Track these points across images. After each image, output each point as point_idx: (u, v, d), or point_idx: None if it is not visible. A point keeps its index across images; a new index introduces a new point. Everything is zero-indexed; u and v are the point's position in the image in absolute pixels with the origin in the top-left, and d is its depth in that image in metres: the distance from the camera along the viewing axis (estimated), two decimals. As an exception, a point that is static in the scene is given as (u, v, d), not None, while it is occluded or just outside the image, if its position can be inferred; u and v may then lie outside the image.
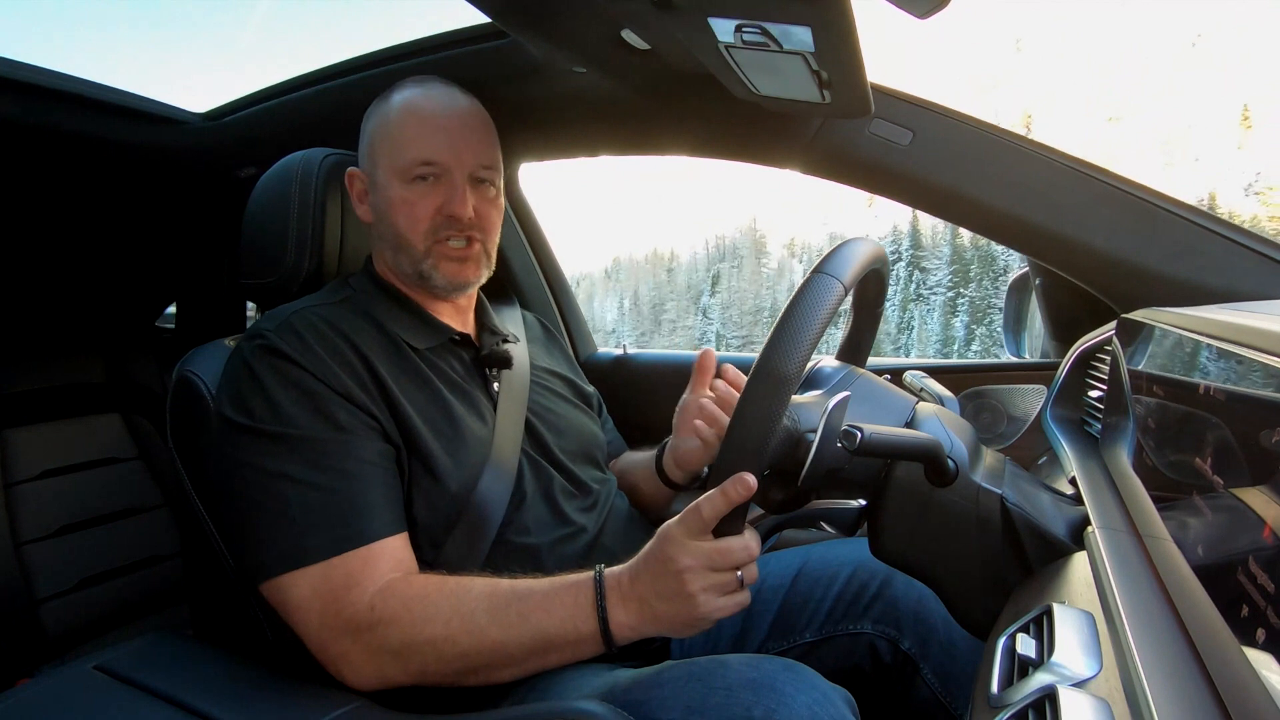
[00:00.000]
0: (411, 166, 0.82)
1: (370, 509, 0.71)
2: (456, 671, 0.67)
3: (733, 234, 17.78)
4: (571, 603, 0.66)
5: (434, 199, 0.83)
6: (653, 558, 0.64)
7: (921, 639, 0.83)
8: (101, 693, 0.67)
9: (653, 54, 0.86)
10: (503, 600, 0.67)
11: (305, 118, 1.22)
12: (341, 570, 0.68)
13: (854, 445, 0.53)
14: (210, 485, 0.81)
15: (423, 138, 0.83)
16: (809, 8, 0.58)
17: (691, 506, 0.62)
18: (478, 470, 0.78)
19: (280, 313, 0.79)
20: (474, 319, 0.94)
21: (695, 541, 0.62)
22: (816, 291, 0.57)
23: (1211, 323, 0.50)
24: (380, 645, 0.66)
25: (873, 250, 0.65)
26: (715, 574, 0.62)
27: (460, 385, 0.84)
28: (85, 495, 1.42)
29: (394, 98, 0.86)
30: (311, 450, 0.70)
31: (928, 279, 47.07)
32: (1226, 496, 0.39)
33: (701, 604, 0.62)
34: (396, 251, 0.85)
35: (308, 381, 0.73)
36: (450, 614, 0.66)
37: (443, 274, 0.84)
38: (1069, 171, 0.88)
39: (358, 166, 0.89)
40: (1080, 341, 0.90)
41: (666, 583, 0.63)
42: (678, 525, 0.63)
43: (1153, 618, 0.42)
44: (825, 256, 0.62)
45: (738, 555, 0.62)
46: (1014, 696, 0.42)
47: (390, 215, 0.84)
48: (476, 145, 0.85)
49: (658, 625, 0.64)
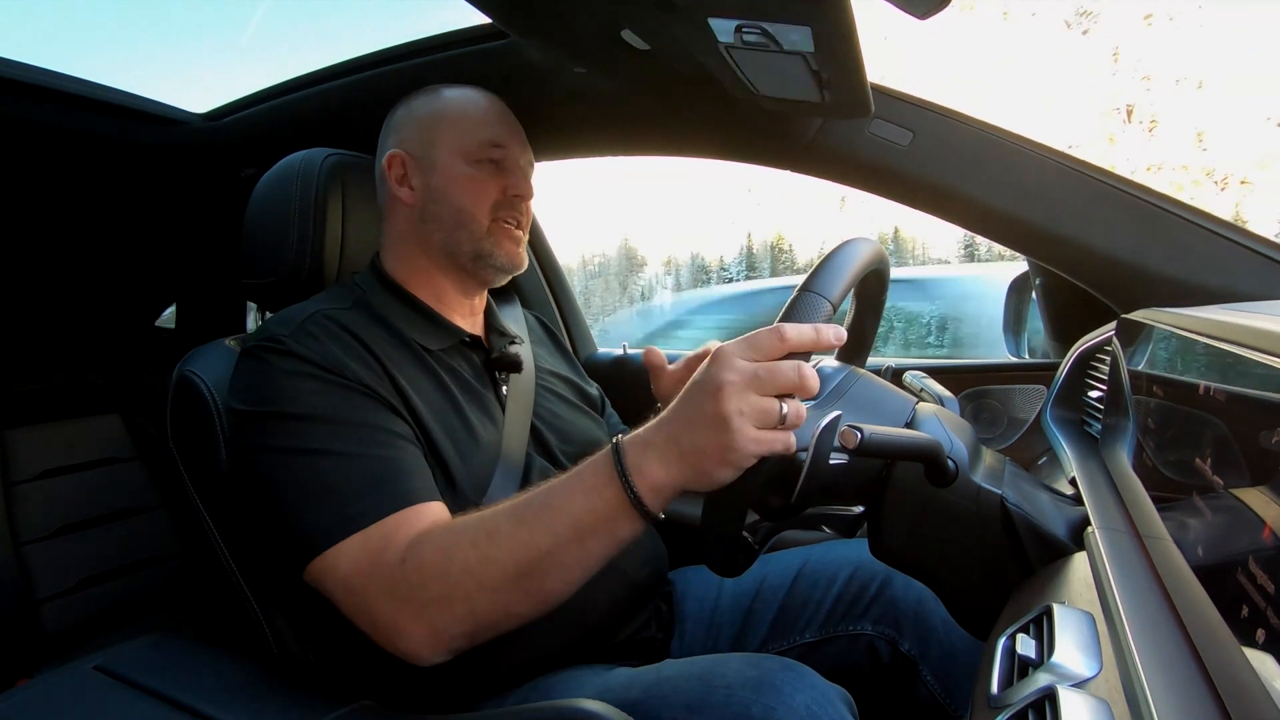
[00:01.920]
0: (482, 147, 0.85)
1: (409, 472, 0.69)
2: (505, 596, 0.62)
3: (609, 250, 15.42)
4: (591, 475, 0.60)
5: (499, 180, 0.86)
6: (694, 381, 0.57)
7: (921, 639, 0.83)
8: (101, 693, 0.67)
9: (653, 54, 0.86)
10: (524, 501, 0.63)
11: (306, 118, 1.22)
12: (376, 535, 0.65)
13: (854, 445, 0.53)
14: (233, 483, 0.79)
15: (491, 122, 0.87)
16: (809, 8, 0.59)
17: (771, 327, 0.55)
18: (489, 473, 0.78)
19: (292, 316, 0.77)
20: (483, 320, 0.93)
21: (744, 361, 0.55)
22: (805, 307, 0.58)
23: (1211, 323, 0.50)
24: (420, 598, 0.62)
25: (869, 254, 0.65)
26: (757, 397, 0.54)
27: (472, 387, 0.84)
28: (85, 495, 1.42)
29: (445, 92, 0.89)
30: (339, 425, 0.69)
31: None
32: (1226, 497, 0.39)
33: (736, 429, 0.53)
34: (455, 229, 0.85)
35: (327, 376, 0.72)
36: (475, 534, 0.63)
37: (504, 252, 0.86)
38: (1069, 171, 0.88)
39: (380, 154, 0.89)
40: (1080, 342, 0.90)
41: (701, 404, 0.55)
42: (739, 342, 0.56)
43: (1153, 618, 0.42)
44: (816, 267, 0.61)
45: (787, 376, 0.54)
46: (1014, 697, 0.42)
47: (453, 193, 0.85)
48: (525, 138, 0.90)
49: (685, 466, 0.56)
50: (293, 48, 46.17)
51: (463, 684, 0.74)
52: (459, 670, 0.70)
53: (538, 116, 1.11)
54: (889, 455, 0.59)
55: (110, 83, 1.23)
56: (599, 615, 0.80)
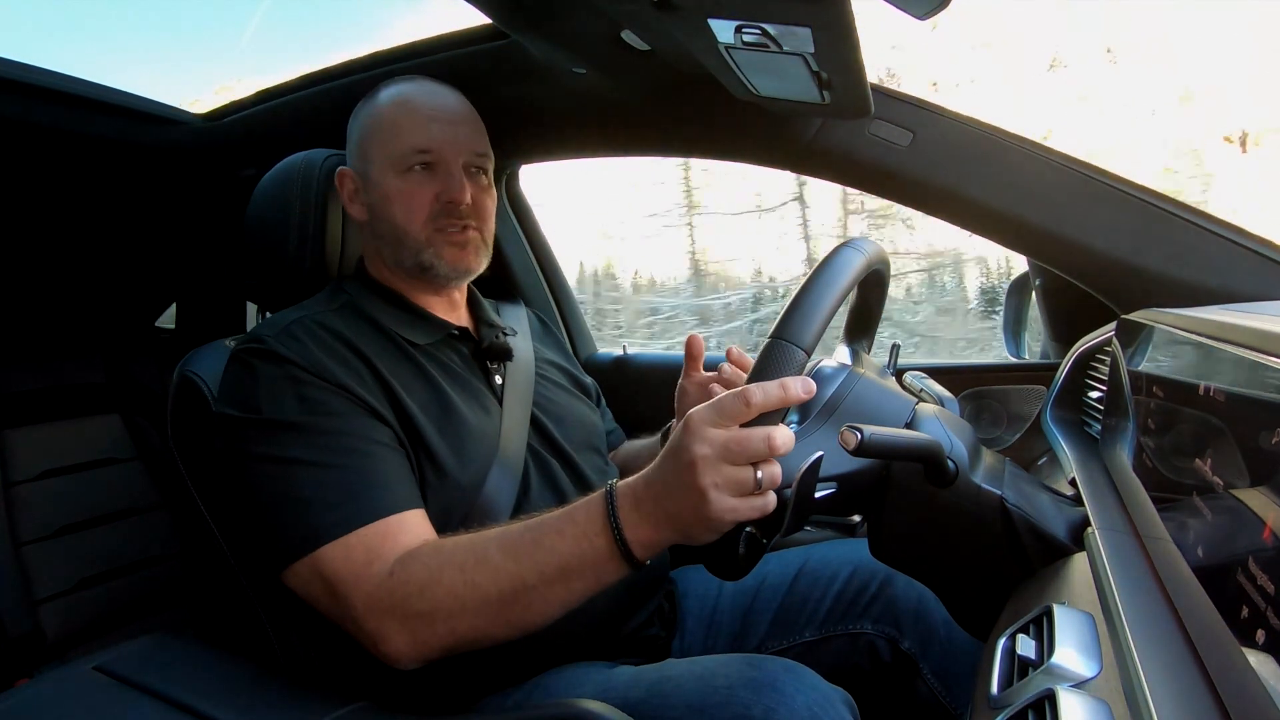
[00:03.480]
0: (407, 156, 0.82)
1: (384, 484, 0.70)
2: (486, 620, 0.64)
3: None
4: (584, 519, 0.61)
5: (431, 187, 0.83)
6: (670, 448, 0.58)
7: (921, 639, 0.83)
8: (101, 693, 0.67)
9: (652, 54, 0.86)
10: (515, 533, 0.64)
11: (306, 118, 1.22)
12: (360, 546, 0.67)
13: (854, 446, 0.53)
14: (217, 486, 0.81)
15: (417, 127, 0.83)
16: (809, 8, 0.59)
17: (738, 390, 0.56)
18: (486, 466, 0.78)
19: (279, 320, 0.79)
20: (469, 313, 0.93)
21: (714, 429, 0.55)
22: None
23: (1211, 323, 0.50)
24: (407, 611, 0.65)
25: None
26: (730, 468, 0.55)
27: (462, 379, 0.84)
28: (85, 495, 1.42)
29: (381, 95, 0.86)
30: (319, 435, 0.70)
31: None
32: (1226, 497, 0.39)
33: (713, 501, 0.55)
34: (396, 245, 0.84)
35: (310, 380, 0.73)
36: (465, 559, 0.64)
37: (446, 261, 0.84)
38: (1069, 172, 0.88)
39: (339, 168, 0.89)
40: (1080, 342, 0.90)
41: (678, 475, 0.56)
42: (708, 408, 0.57)
43: (1153, 618, 0.42)
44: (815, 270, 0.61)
45: (755, 446, 0.55)
46: (1014, 697, 0.42)
47: (387, 208, 0.83)
48: (468, 134, 0.86)
49: (672, 528, 0.58)
50: (292, 48, 45.83)
51: (464, 682, 0.74)
52: (460, 669, 0.70)
53: (538, 116, 1.11)
54: (889, 456, 0.59)
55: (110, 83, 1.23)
56: (601, 613, 0.80)
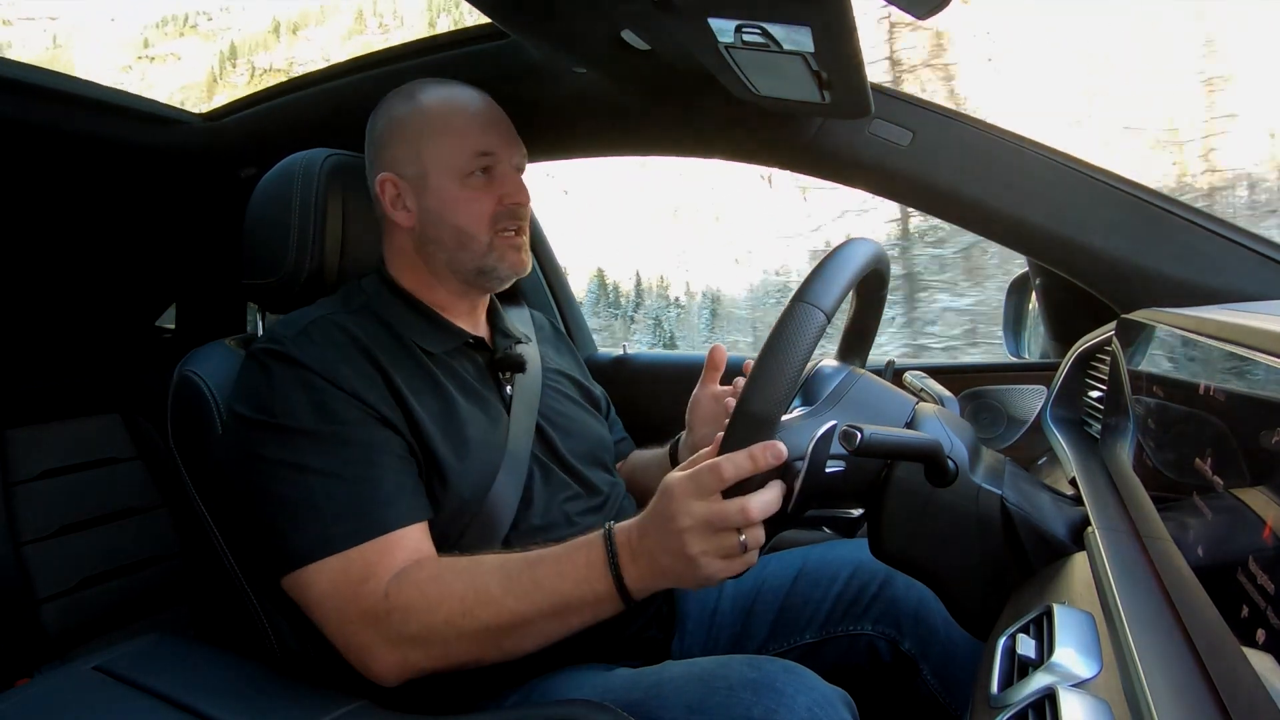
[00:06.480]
0: (471, 160, 0.82)
1: (388, 500, 0.71)
2: (480, 647, 0.67)
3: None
4: (584, 563, 0.65)
5: (493, 191, 0.83)
6: (655, 514, 0.62)
7: (921, 639, 0.83)
8: (101, 693, 0.67)
9: (653, 54, 0.86)
10: (515, 569, 0.66)
11: (306, 118, 1.21)
12: (360, 561, 0.68)
13: (854, 446, 0.53)
14: (222, 484, 0.80)
15: (474, 130, 0.83)
16: (809, 8, 0.59)
17: (710, 464, 0.59)
18: (490, 475, 0.79)
19: (297, 320, 0.79)
20: (487, 321, 0.93)
21: (695, 501, 0.59)
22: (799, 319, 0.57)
23: (1211, 323, 0.50)
24: (399, 633, 0.66)
25: (867, 257, 0.64)
26: (715, 536, 0.59)
27: (473, 389, 0.84)
28: (85, 495, 1.42)
29: (423, 98, 0.85)
30: (330, 443, 0.71)
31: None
32: (1226, 497, 0.39)
33: (702, 565, 0.60)
34: (457, 249, 0.84)
35: (324, 387, 0.73)
36: (464, 590, 0.66)
37: (508, 264, 0.85)
38: (1069, 171, 0.88)
39: (370, 171, 0.87)
40: (1080, 342, 0.90)
41: (668, 541, 0.61)
42: (686, 480, 0.60)
43: (1153, 618, 0.42)
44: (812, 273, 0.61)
45: (733, 518, 0.58)
46: (1014, 697, 0.42)
47: (450, 214, 0.83)
48: (515, 136, 0.87)
49: (666, 579, 0.63)
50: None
51: (463, 684, 0.74)
52: (460, 671, 0.70)
53: (538, 116, 1.11)
54: (889, 455, 0.59)
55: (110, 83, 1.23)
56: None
